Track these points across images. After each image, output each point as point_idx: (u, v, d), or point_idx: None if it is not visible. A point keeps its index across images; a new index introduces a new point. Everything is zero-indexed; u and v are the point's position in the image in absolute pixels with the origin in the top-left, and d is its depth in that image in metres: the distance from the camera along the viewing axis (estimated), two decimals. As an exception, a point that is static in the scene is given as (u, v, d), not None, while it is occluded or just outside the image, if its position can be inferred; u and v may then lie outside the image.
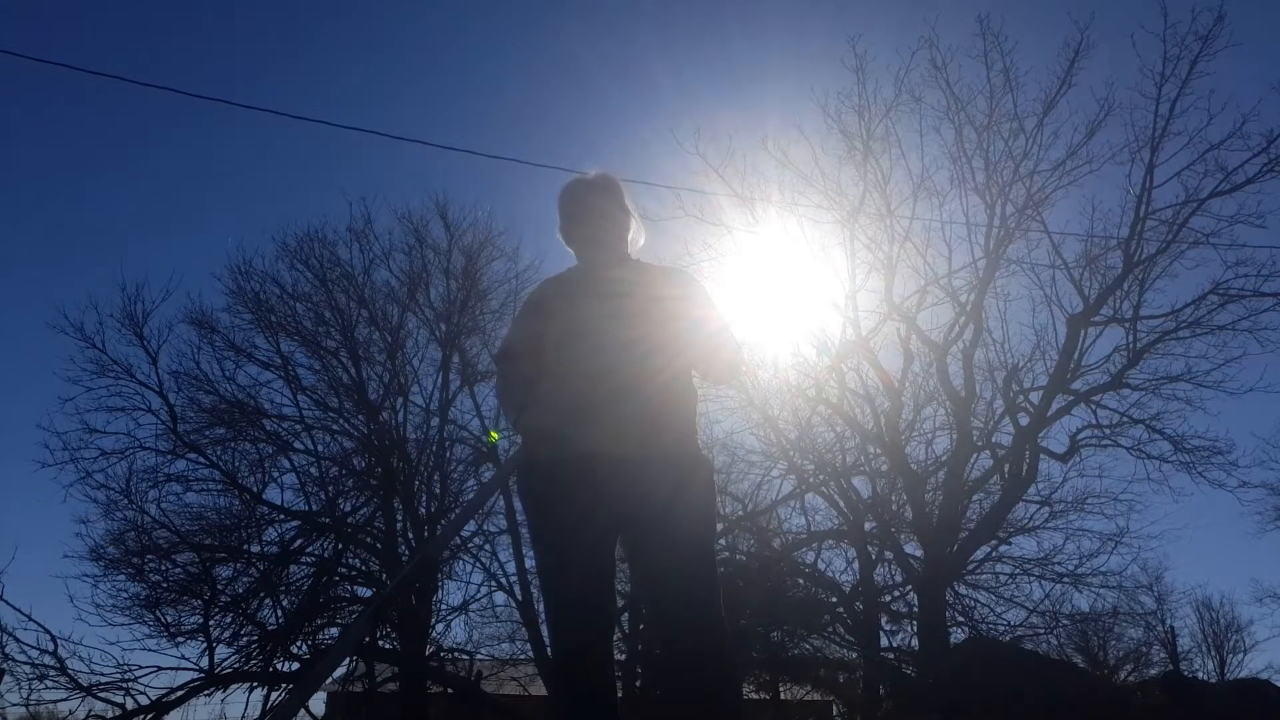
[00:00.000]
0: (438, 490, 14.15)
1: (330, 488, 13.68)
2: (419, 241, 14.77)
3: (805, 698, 16.65)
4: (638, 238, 2.94)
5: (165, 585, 12.41)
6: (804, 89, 24.49)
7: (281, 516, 13.41)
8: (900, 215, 13.89)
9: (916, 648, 13.50)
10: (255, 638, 12.40)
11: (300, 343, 14.20)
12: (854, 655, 14.37)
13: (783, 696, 16.04)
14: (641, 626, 13.35)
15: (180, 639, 11.89)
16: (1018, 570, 14.43)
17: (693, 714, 2.46)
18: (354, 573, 14.00)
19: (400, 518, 13.90)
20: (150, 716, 11.37)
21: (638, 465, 2.54)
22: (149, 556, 12.42)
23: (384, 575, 13.78)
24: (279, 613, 12.80)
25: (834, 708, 17.60)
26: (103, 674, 11.24)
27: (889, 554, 14.48)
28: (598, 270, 2.82)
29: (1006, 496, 13.60)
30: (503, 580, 13.85)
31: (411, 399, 14.47)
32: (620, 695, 2.65)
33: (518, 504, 14.30)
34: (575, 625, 2.56)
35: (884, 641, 14.41)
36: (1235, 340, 13.19)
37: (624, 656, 13.64)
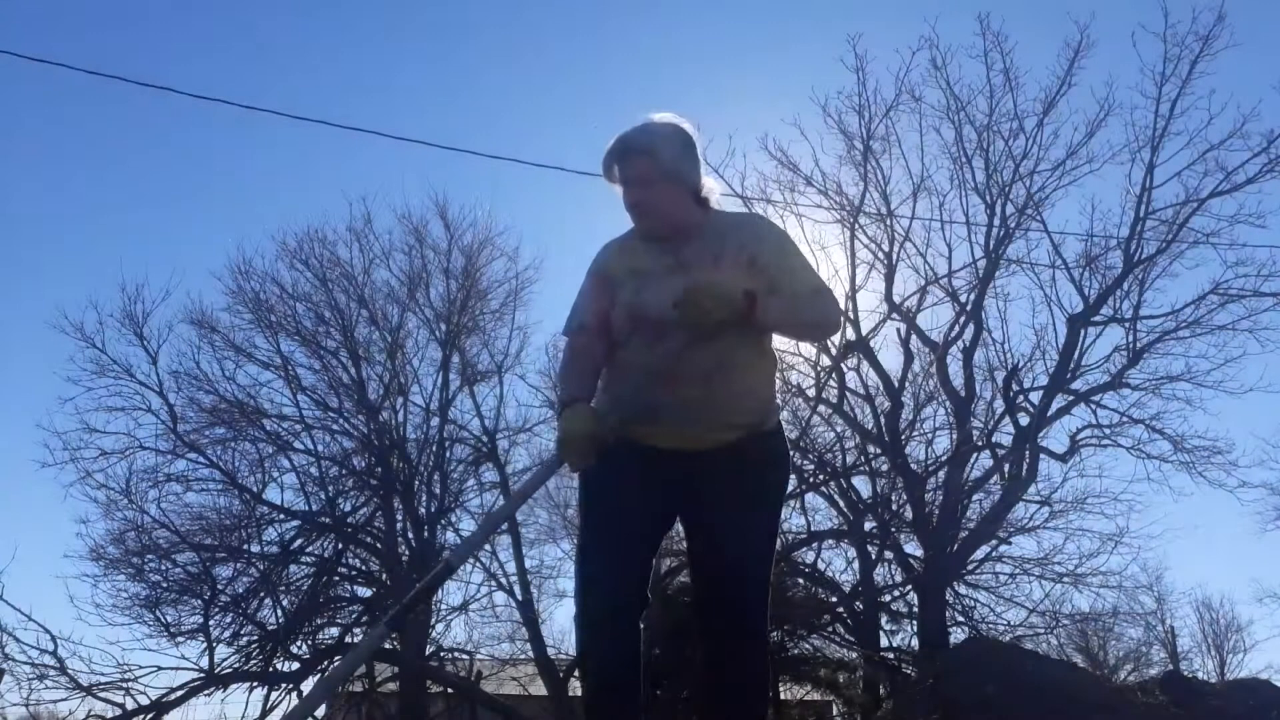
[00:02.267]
0: (438, 490, 14.16)
1: (330, 488, 13.69)
2: (419, 241, 14.76)
3: (805, 698, 16.63)
4: (707, 189, 2.61)
5: (165, 585, 12.42)
6: (804, 89, 24.49)
7: (281, 516, 13.42)
8: (900, 215, 13.92)
9: (916, 648, 13.49)
10: (255, 638, 12.41)
11: (300, 343, 14.20)
12: (854, 655, 14.35)
13: (783, 696, 16.02)
14: (644, 628, 13.34)
15: (180, 639, 11.91)
16: (1018, 570, 14.42)
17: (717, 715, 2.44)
18: (354, 573, 14.01)
19: (400, 518, 13.90)
20: (150, 716, 11.37)
21: (681, 457, 2.48)
22: (149, 556, 12.44)
23: (384, 575, 13.78)
24: (279, 613, 12.80)
25: (834, 708, 17.59)
26: (103, 674, 11.25)
27: (889, 554, 14.48)
28: (642, 260, 2.57)
29: (1006, 496, 13.60)
30: (503, 580, 13.86)
31: (411, 399, 14.47)
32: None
33: (518, 504, 14.30)
34: (590, 619, 2.50)
35: (884, 641, 14.40)
36: (1235, 340, 13.23)
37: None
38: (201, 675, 11.67)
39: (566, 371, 2.63)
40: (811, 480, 14.69)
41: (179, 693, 11.52)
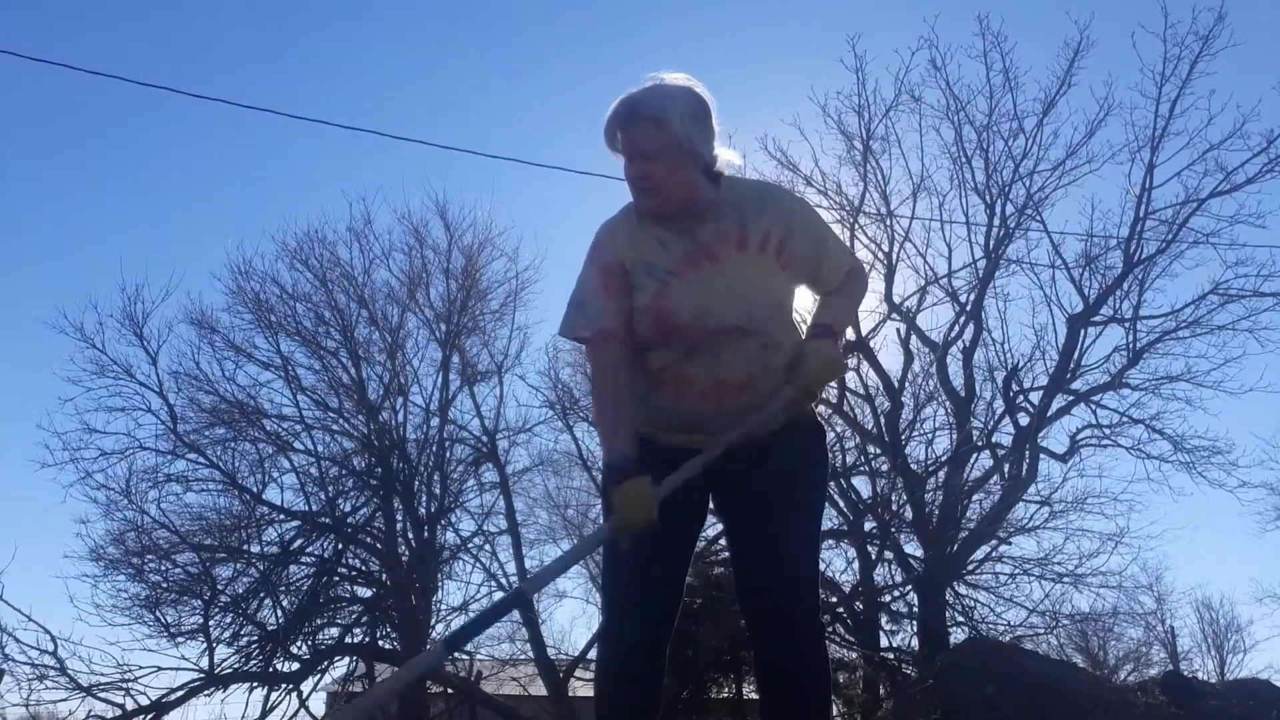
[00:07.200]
0: (438, 490, 14.15)
1: (330, 488, 13.68)
2: (419, 241, 14.74)
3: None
4: (720, 161, 2.30)
5: (165, 585, 12.41)
6: (804, 89, 24.51)
7: (281, 516, 13.41)
8: (900, 215, 13.93)
9: (916, 648, 13.49)
10: (255, 638, 12.40)
11: (300, 343, 14.19)
12: (854, 655, 14.35)
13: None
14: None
15: (180, 639, 11.91)
16: (1018, 570, 14.41)
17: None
18: (354, 573, 14.00)
19: (400, 518, 13.90)
20: (150, 716, 11.37)
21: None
22: (149, 556, 12.43)
23: (384, 575, 13.77)
24: (279, 613, 12.80)
25: (834, 707, 17.60)
26: (103, 674, 11.25)
27: (889, 554, 14.47)
28: (654, 249, 2.30)
29: (1006, 496, 13.60)
30: (503, 580, 13.84)
31: (411, 399, 14.46)
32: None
33: (518, 503, 14.31)
34: (618, 627, 2.36)
35: (884, 641, 14.39)
36: (1235, 340, 13.23)
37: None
38: (201, 675, 11.67)
39: (607, 408, 2.30)
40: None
41: (179, 693, 11.53)
